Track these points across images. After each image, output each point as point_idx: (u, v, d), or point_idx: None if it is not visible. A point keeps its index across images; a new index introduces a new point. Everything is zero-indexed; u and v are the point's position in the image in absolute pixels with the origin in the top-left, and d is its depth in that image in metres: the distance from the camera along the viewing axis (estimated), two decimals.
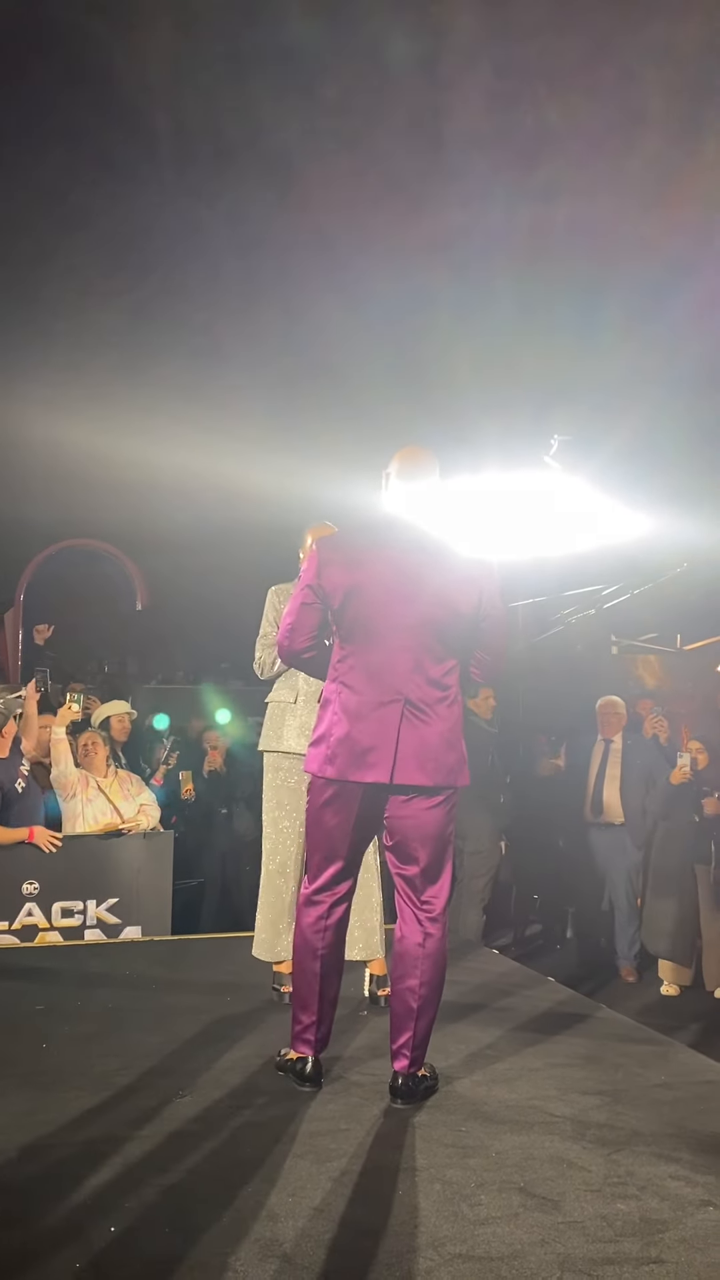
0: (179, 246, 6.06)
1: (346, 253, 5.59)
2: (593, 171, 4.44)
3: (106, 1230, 2.12)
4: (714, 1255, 2.10)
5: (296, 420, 7.47)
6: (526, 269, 5.09)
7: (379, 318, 6.12)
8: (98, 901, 5.28)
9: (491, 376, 6.30)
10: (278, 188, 5.29)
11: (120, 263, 6.35)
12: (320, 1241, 2.11)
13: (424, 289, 5.77)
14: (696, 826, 6.31)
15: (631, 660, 10.70)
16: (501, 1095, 2.96)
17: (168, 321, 6.79)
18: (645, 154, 4.12)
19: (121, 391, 7.30)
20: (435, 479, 3.14)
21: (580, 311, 5.24)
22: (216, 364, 7.24)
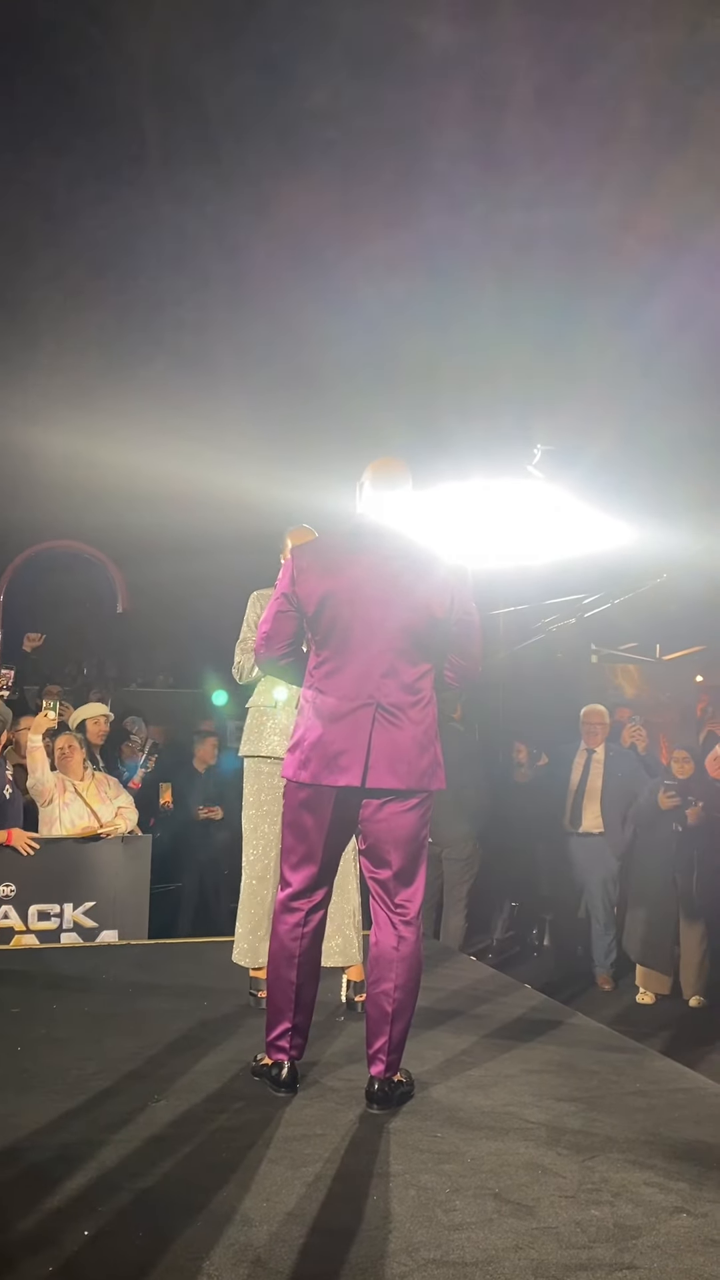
0: (165, 251, 6.06)
1: (330, 260, 5.61)
2: (572, 182, 4.47)
3: (80, 1234, 2.11)
4: (686, 1261, 2.10)
5: (280, 427, 7.48)
6: (508, 278, 5.12)
7: (362, 326, 6.14)
8: (75, 905, 5.26)
9: (474, 385, 6.33)
10: (263, 195, 5.30)
11: (105, 266, 6.34)
12: (294, 1246, 2.11)
13: (407, 298, 5.79)
14: (678, 836, 6.35)
15: (611, 669, 10.77)
16: (477, 1101, 2.97)
17: (152, 326, 6.79)
18: (625, 164, 4.15)
19: (105, 395, 7.29)
20: (408, 489, 3.17)
21: (561, 321, 5.27)
22: (200, 369, 7.24)
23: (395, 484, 3.14)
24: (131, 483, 8.01)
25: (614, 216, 4.50)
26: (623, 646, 10.78)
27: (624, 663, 10.99)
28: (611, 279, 4.91)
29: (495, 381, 6.28)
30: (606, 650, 10.78)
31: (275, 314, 6.50)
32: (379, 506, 3.12)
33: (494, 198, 4.74)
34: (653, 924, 6.42)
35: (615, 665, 10.96)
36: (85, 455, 7.67)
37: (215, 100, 4.81)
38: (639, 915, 6.52)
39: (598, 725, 7.01)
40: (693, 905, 6.32)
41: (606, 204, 4.47)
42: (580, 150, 4.31)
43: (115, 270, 6.37)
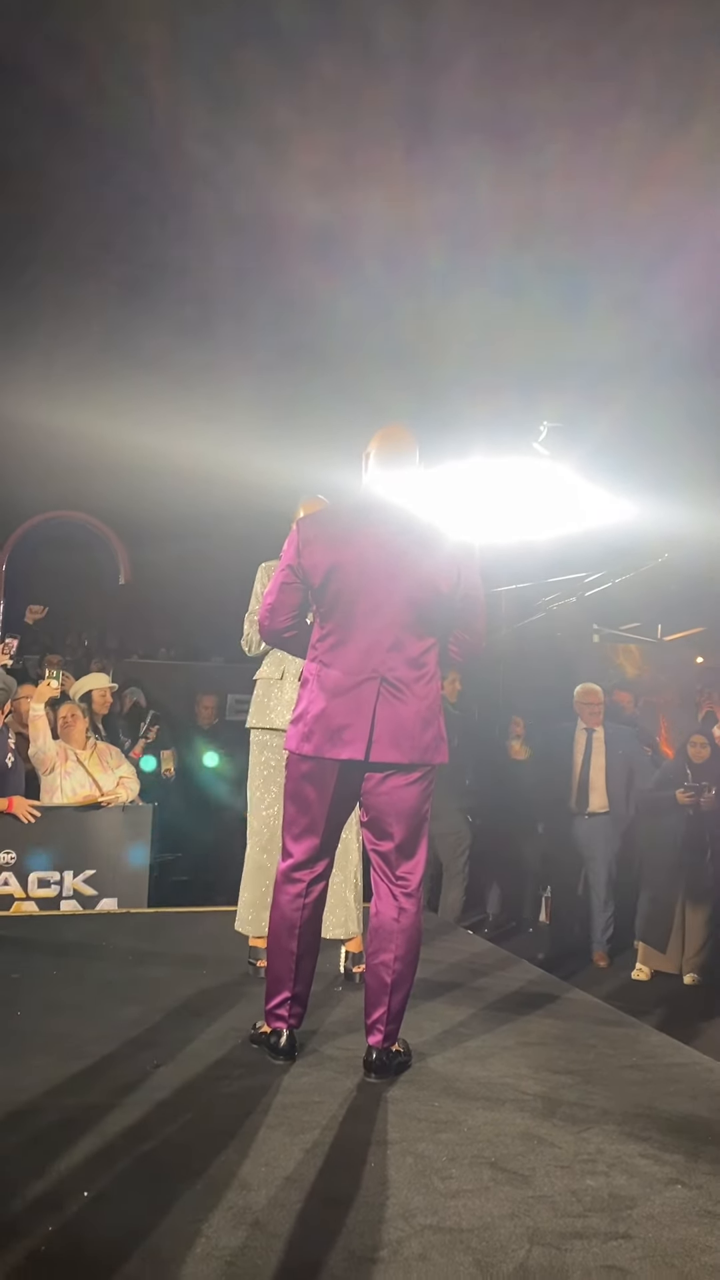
0: (170, 222, 6.02)
1: (335, 235, 5.57)
2: (581, 155, 4.43)
3: (80, 1196, 2.13)
4: (680, 1232, 2.12)
5: (284, 401, 7.45)
6: (515, 255, 5.08)
7: (367, 301, 6.10)
8: (75, 872, 5.29)
9: (480, 361, 6.30)
10: (269, 167, 5.26)
11: (109, 238, 6.30)
12: (291, 1210, 2.13)
13: (413, 274, 5.75)
14: (689, 819, 6.38)
15: (612, 649, 10.77)
16: (474, 1072, 2.99)
17: (155, 298, 6.75)
18: (633, 137, 4.11)
19: (108, 368, 7.26)
20: (415, 459, 3.15)
21: (569, 296, 5.24)
22: (204, 343, 7.20)
23: (402, 457, 3.13)
24: (133, 456, 7.99)
25: (621, 193, 4.46)
26: (624, 626, 10.78)
27: (625, 643, 10.99)
28: (619, 256, 4.88)
29: (501, 358, 6.25)
30: (608, 630, 10.77)
31: (279, 288, 6.46)
32: (386, 480, 3.10)
33: (501, 174, 4.70)
34: (656, 902, 6.46)
35: (617, 645, 10.96)
36: (87, 428, 7.65)
37: (222, 70, 4.76)
38: (647, 896, 6.56)
39: (595, 705, 7.01)
40: (701, 887, 6.35)
41: (614, 178, 4.43)
42: (588, 124, 4.27)
43: (118, 242, 6.33)
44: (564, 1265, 1.96)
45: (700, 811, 6.36)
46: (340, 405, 7.01)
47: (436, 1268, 1.93)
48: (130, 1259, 1.91)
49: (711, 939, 6.34)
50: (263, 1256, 1.94)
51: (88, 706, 6.05)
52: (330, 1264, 1.93)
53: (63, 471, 9.26)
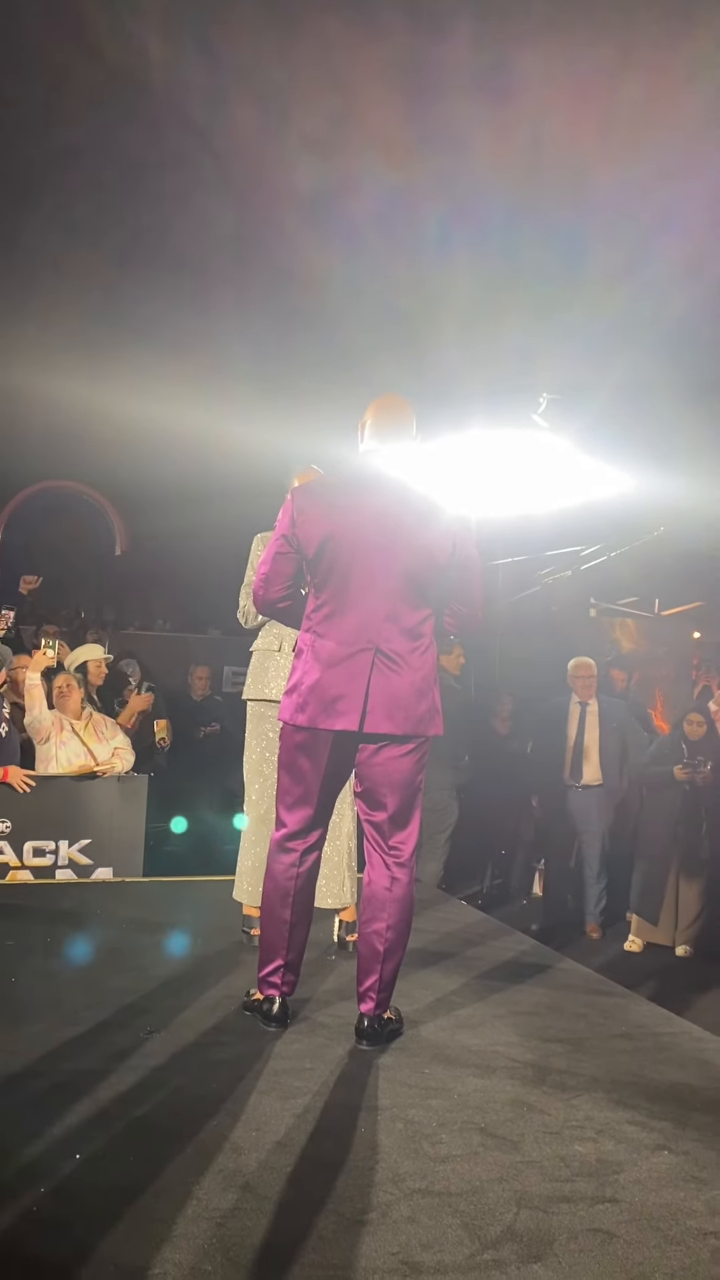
0: (168, 186, 5.95)
1: (334, 200, 5.51)
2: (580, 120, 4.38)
3: (72, 1158, 2.15)
4: (665, 1196, 2.15)
5: (281, 371, 7.40)
6: (515, 220, 5.03)
7: (365, 270, 6.05)
8: (70, 842, 5.31)
9: (479, 330, 6.25)
10: (267, 131, 5.20)
11: (105, 203, 6.23)
12: (282, 1174, 2.15)
13: (411, 240, 5.70)
14: (685, 794, 6.41)
15: (609, 623, 10.77)
16: (465, 1040, 3.01)
17: (153, 265, 6.69)
18: (633, 102, 4.05)
19: (104, 336, 7.20)
20: (411, 429, 3.13)
21: (568, 265, 5.20)
22: (201, 311, 7.14)
23: (398, 427, 3.11)
24: (131, 425, 7.94)
25: (620, 158, 4.41)
26: (622, 601, 10.78)
27: (622, 617, 10.99)
28: (617, 223, 4.83)
29: (500, 327, 6.21)
30: (605, 604, 10.77)
31: (277, 256, 6.40)
32: (382, 451, 3.08)
33: (499, 139, 4.65)
34: (650, 875, 6.50)
35: (613, 619, 10.97)
36: (84, 397, 7.59)
37: (220, 31, 4.69)
38: (641, 869, 6.59)
39: (588, 678, 7.02)
40: (696, 860, 6.39)
41: (612, 147, 4.38)
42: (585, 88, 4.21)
43: (115, 208, 6.26)
44: (551, 1228, 1.99)
45: (696, 787, 6.40)
46: (338, 375, 6.96)
47: (425, 1230, 1.95)
48: (122, 1219, 1.93)
49: (705, 912, 6.39)
50: (253, 1218, 1.96)
51: (83, 677, 6.05)
52: (320, 1226, 1.95)
53: (59, 441, 9.20)
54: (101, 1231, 1.88)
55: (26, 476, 11.69)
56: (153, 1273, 1.76)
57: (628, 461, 7.04)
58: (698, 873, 6.39)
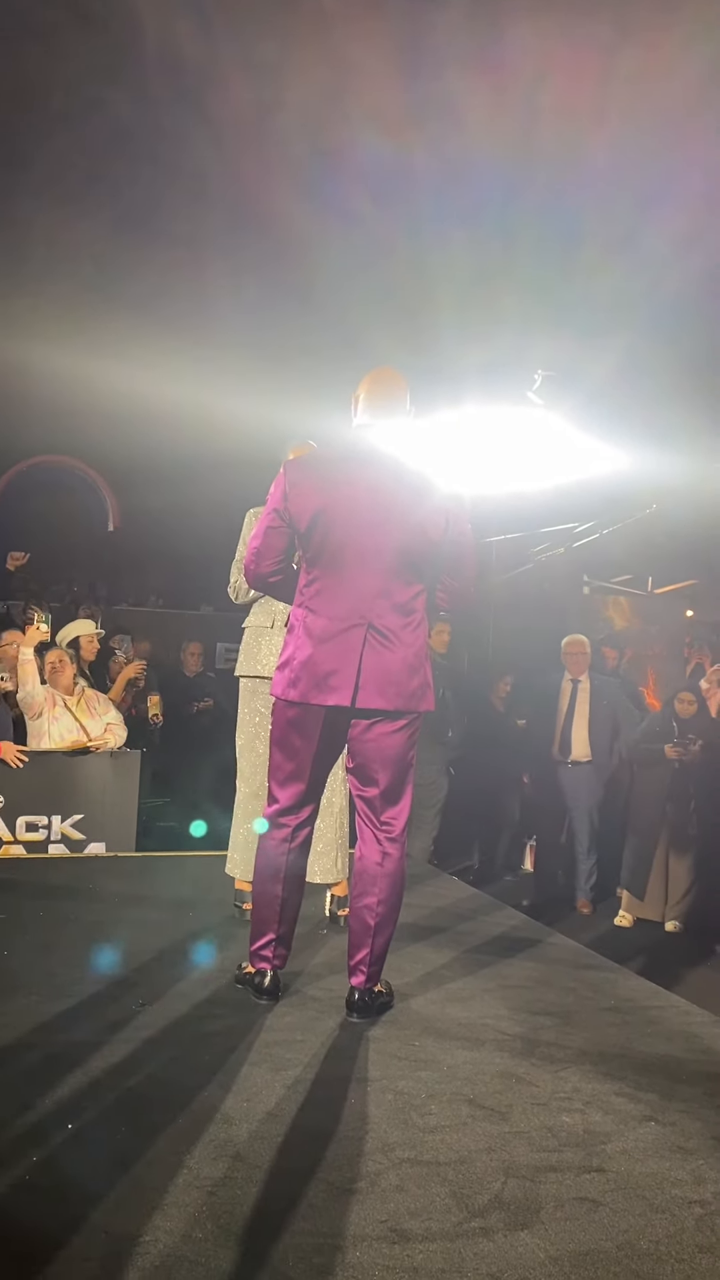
0: (162, 156, 5.89)
1: (328, 173, 5.46)
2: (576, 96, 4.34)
3: (64, 1128, 2.17)
4: (652, 1165, 2.17)
5: (275, 345, 7.35)
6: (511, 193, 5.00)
7: (359, 244, 6.00)
8: (63, 817, 5.32)
9: (474, 305, 6.21)
10: (262, 101, 5.14)
11: (98, 174, 6.17)
12: (272, 1143, 2.17)
13: (405, 214, 5.66)
14: (674, 771, 6.44)
15: (602, 601, 10.79)
16: (455, 1013, 3.03)
17: (146, 237, 6.63)
18: (628, 74, 4.02)
19: (96, 308, 7.14)
20: (405, 403, 3.12)
21: (564, 239, 5.17)
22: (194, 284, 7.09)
23: (392, 401, 3.10)
24: (123, 399, 7.90)
25: (616, 131, 4.38)
26: (615, 579, 10.79)
27: (615, 595, 11.01)
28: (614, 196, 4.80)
29: (495, 305, 6.17)
30: (598, 582, 10.78)
31: (271, 229, 6.34)
32: (375, 425, 3.07)
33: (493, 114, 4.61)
34: (639, 852, 6.54)
35: (606, 597, 10.98)
36: (76, 370, 7.54)
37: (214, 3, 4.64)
38: (631, 845, 6.63)
39: (580, 656, 7.05)
40: (686, 836, 6.43)
41: (609, 119, 4.34)
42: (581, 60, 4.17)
43: (108, 179, 6.20)
44: (538, 1197, 2.01)
45: (685, 764, 6.43)
46: (332, 350, 6.92)
47: (413, 1199, 1.97)
48: (114, 1188, 1.95)
49: (694, 888, 6.43)
50: (243, 1187, 1.98)
51: (75, 653, 6.04)
52: (309, 1195, 1.97)
53: (51, 415, 9.14)
54: (93, 1200, 1.90)
55: (18, 451, 11.61)
56: (144, 1240, 1.78)
57: (622, 439, 7.02)
58: (687, 849, 6.43)
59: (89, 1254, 1.74)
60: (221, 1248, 1.78)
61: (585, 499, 8.43)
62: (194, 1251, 1.76)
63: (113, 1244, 1.77)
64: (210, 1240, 1.80)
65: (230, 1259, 1.75)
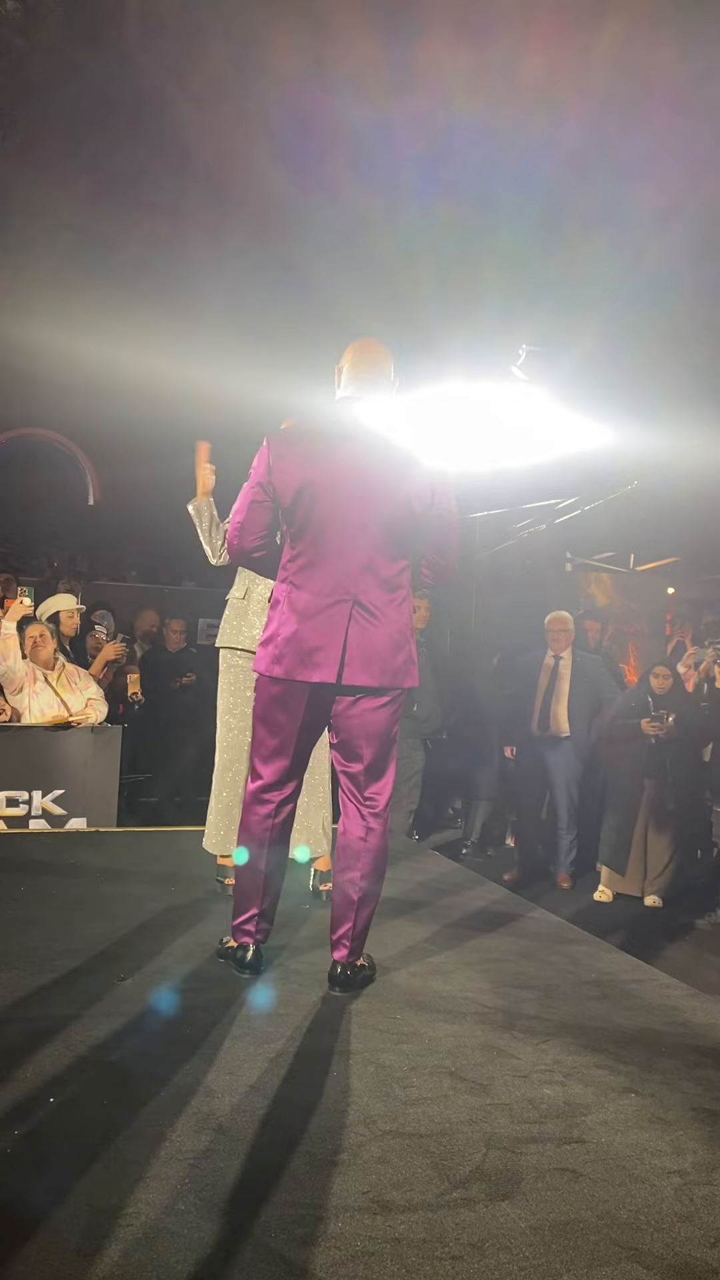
0: (142, 126, 5.82)
1: (310, 144, 5.41)
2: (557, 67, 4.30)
3: (46, 1102, 2.17)
4: (632, 1136, 2.19)
5: (257, 320, 7.30)
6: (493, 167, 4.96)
7: (342, 217, 5.95)
8: (43, 792, 5.30)
9: (458, 279, 6.18)
10: (245, 73, 5.08)
11: (79, 141, 6.08)
12: (254, 1116, 2.17)
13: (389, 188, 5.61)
14: (650, 746, 6.46)
15: (585, 578, 10.80)
16: (437, 986, 3.05)
17: (127, 207, 6.55)
18: (607, 50, 3.99)
19: (76, 280, 7.06)
20: (390, 375, 3.09)
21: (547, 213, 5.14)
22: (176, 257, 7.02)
23: (376, 373, 3.07)
24: (103, 373, 7.82)
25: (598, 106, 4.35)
26: (598, 556, 10.80)
27: (598, 571, 11.03)
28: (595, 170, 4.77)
29: (479, 276, 6.14)
30: (581, 559, 10.79)
31: (253, 202, 6.28)
32: (359, 399, 3.04)
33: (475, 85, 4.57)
34: (618, 828, 6.57)
35: (589, 574, 11.00)
36: (55, 343, 7.46)
37: None
38: (610, 821, 6.67)
39: (561, 632, 7.06)
40: (664, 812, 6.47)
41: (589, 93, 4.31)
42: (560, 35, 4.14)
43: (88, 148, 6.12)
44: (519, 1168, 2.02)
45: (661, 739, 6.45)
46: (315, 324, 6.87)
47: (395, 1170, 1.98)
48: (96, 1161, 1.95)
49: (672, 862, 6.47)
50: (225, 1159, 1.98)
51: (55, 628, 6.01)
52: (292, 1167, 1.97)
53: (30, 389, 9.06)
54: (76, 1173, 1.90)
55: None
56: (126, 1213, 1.78)
57: (606, 413, 7.01)
58: (665, 824, 6.47)
59: (71, 1227, 1.74)
60: (204, 1220, 1.78)
61: (568, 475, 8.43)
62: (176, 1224, 1.76)
63: (95, 1217, 1.77)
64: (193, 1212, 1.80)
65: (213, 1231, 1.75)
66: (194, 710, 6.98)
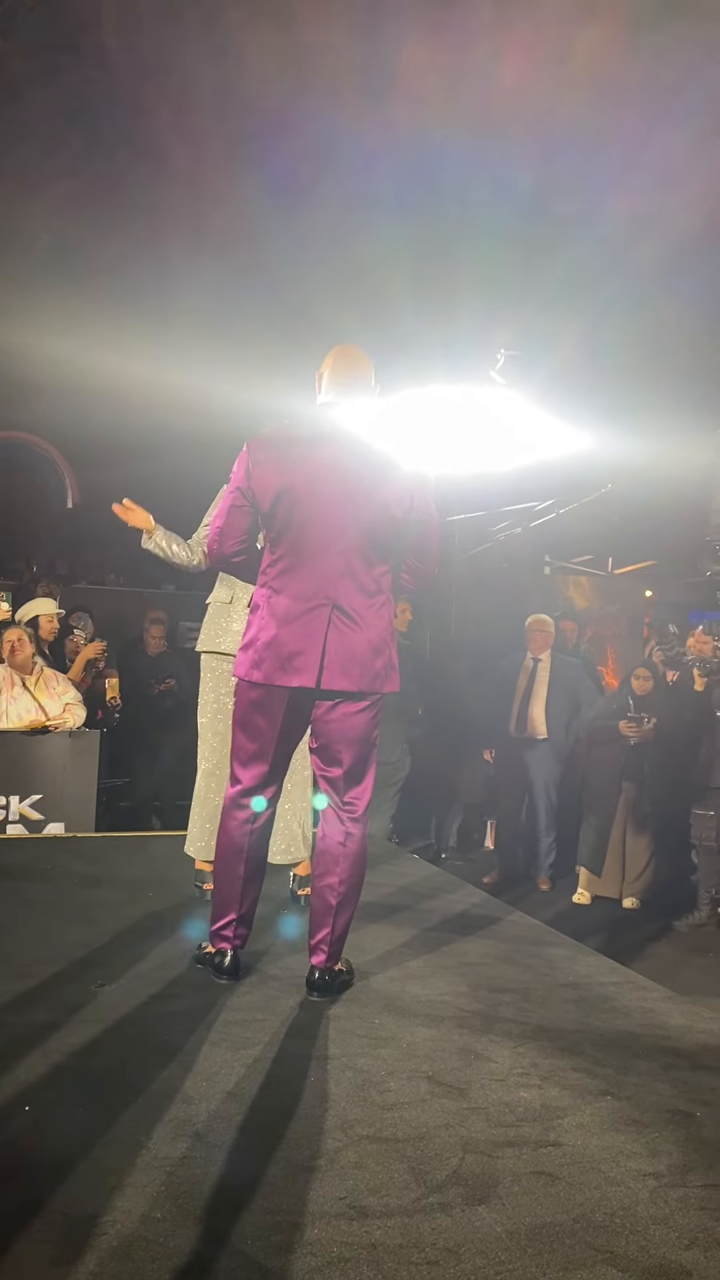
0: (119, 130, 5.81)
1: (288, 151, 5.41)
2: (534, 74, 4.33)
3: (21, 1110, 2.16)
4: (608, 1139, 2.20)
5: (236, 323, 7.29)
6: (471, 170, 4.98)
7: (321, 221, 5.96)
8: (21, 797, 5.28)
9: (437, 287, 6.20)
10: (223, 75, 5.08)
11: (57, 144, 6.07)
12: (232, 1123, 2.17)
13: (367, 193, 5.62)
14: (628, 749, 6.49)
15: (563, 581, 10.85)
16: (415, 990, 3.05)
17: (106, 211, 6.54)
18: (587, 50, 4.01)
19: (55, 283, 7.04)
20: (370, 381, 3.10)
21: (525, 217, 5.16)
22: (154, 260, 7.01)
23: (357, 380, 3.07)
24: (80, 375, 7.80)
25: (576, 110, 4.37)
26: (576, 559, 10.84)
27: (576, 575, 11.07)
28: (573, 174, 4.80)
29: (457, 282, 6.16)
30: (559, 562, 10.83)
31: (231, 205, 6.28)
32: (340, 404, 3.05)
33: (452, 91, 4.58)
34: (597, 830, 6.60)
35: (568, 577, 11.04)
36: (32, 345, 7.43)
37: None
38: (589, 823, 6.70)
39: (540, 634, 7.09)
40: (642, 814, 6.49)
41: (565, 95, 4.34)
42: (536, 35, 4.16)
43: (67, 149, 6.10)
44: (495, 1171, 2.03)
45: (640, 741, 6.48)
46: (293, 328, 6.88)
47: (372, 1175, 1.98)
48: (73, 1170, 1.94)
49: (650, 865, 6.50)
50: (202, 1166, 1.98)
51: (34, 632, 5.98)
52: (269, 1173, 1.97)
53: (6, 391, 9.02)
54: (52, 1182, 1.89)
55: None
56: (103, 1221, 1.78)
57: (584, 417, 7.05)
58: (643, 827, 6.50)
59: (47, 1236, 1.73)
60: (180, 1228, 1.78)
61: (546, 478, 8.46)
62: (153, 1232, 1.76)
63: (71, 1226, 1.76)
64: (169, 1220, 1.80)
65: (189, 1239, 1.75)
66: (173, 714, 6.97)
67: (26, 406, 9.59)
